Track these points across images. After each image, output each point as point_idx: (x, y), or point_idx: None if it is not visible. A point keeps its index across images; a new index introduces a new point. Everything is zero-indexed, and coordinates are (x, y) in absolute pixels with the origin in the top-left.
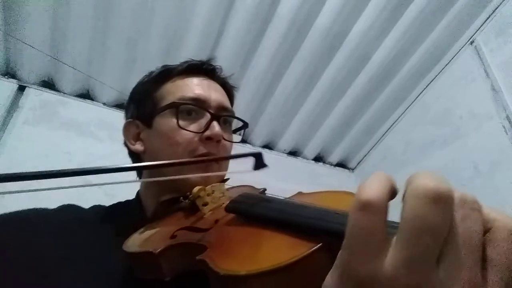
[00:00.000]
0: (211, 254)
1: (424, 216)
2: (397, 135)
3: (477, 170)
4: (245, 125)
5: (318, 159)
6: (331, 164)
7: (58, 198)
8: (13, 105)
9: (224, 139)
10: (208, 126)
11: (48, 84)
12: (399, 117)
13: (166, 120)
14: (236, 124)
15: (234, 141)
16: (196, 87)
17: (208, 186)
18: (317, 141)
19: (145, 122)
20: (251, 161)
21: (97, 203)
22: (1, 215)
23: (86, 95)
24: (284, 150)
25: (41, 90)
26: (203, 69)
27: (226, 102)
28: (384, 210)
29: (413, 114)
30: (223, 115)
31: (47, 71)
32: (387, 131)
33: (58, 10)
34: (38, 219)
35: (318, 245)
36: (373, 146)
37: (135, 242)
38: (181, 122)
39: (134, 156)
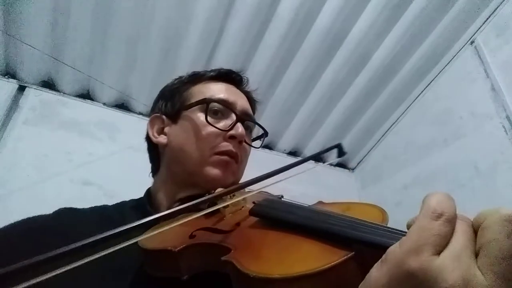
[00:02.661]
0: (237, 255)
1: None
2: (397, 135)
3: (477, 170)
4: (265, 133)
5: (318, 159)
6: (331, 164)
7: (58, 200)
8: (13, 105)
9: (246, 142)
10: (233, 126)
11: (48, 84)
12: (399, 117)
13: (194, 115)
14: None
15: (254, 146)
16: (225, 90)
17: (230, 188)
18: (317, 141)
19: (171, 117)
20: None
21: (97, 203)
22: None
23: (86, 95)
24: (284, 150)
25: (41, 90)
26: (232, 77)
27: (250, 110)
28: (455, 221)
29: (413, 114)
30: (247, 119)
31: (47, 71)
32: (387, 131)
33: (58, 10)
34: (36, 228)
35: (352, 253)
36: (373, 146)
37: (151, 238)
38: (209, 119)
39: (154, 150)
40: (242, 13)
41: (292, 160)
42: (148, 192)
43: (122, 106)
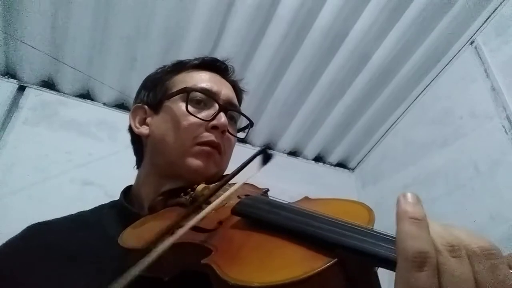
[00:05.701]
0: (217, 259)
1: None
2: (397, 135)
3: (477, 170)
4: (250, 124)
5: (318, 159)
6: (331, 164)
7: (58, 200)
8: (13, 105)
9: (229, 132)
10: (215, 116)
11: (48, 84)
12: (399, 117)
13: (175, 105)
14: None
15: (238, 136)
16: (208, 79)
17: (213, 185)
18: (317, 141)
19: (153, 107)
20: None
21: (98, 203)
22: None
23: (86, 95)
24: (284, 150)
25: (41, 90)
26: (216, 66)
27: (235, 100)
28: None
29: (413, 114)
30: (230, 109)
31: (47, 71)
32: (387, 131)
33: (58, 10)
34: (8, 255)
35: (334, 260)
36: (373, 146)
37: (131, 236)
38: (190, 109)
39: (137, 141)
40: (242, 13)
41: (292, 160)
42: (128, 189)
43: (122, 106)
